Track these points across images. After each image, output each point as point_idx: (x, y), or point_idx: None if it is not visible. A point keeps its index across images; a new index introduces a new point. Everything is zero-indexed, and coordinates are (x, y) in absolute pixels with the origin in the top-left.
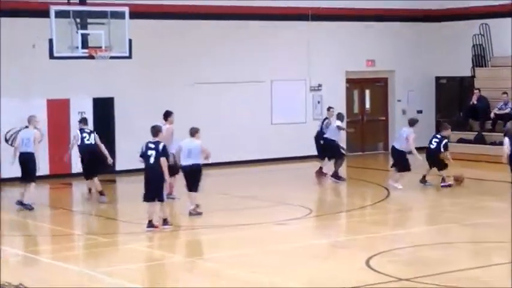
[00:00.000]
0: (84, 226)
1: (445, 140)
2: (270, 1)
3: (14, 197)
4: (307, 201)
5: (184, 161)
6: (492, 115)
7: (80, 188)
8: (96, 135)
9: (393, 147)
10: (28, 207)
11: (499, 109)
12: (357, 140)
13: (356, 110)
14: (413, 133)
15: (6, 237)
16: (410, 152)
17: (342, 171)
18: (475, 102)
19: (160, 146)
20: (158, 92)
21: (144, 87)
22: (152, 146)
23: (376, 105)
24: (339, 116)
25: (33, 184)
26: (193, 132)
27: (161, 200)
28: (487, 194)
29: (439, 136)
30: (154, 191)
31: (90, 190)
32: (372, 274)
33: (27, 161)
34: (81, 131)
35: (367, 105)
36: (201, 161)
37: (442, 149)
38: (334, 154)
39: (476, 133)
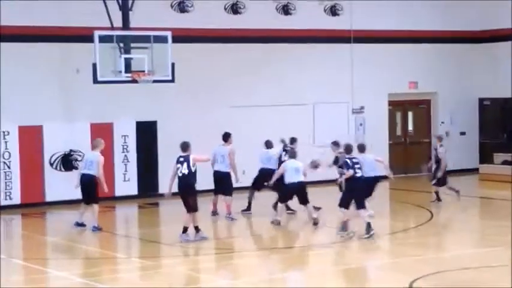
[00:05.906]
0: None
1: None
2: (313, 24)
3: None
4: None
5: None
6: None
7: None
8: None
9: None
10: (96, 229)
11: None
12: (400, 162)
13: (399, 132)
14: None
15: (52, 260)
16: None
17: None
18: None
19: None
20: (200, 115)
21: (187, 110)
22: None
23: (419, 127)
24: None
25: (95, 206)
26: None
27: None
28: None
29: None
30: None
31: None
32: None
33: (89, 182)
34: None
35: (410, 127)
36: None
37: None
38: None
39: None
